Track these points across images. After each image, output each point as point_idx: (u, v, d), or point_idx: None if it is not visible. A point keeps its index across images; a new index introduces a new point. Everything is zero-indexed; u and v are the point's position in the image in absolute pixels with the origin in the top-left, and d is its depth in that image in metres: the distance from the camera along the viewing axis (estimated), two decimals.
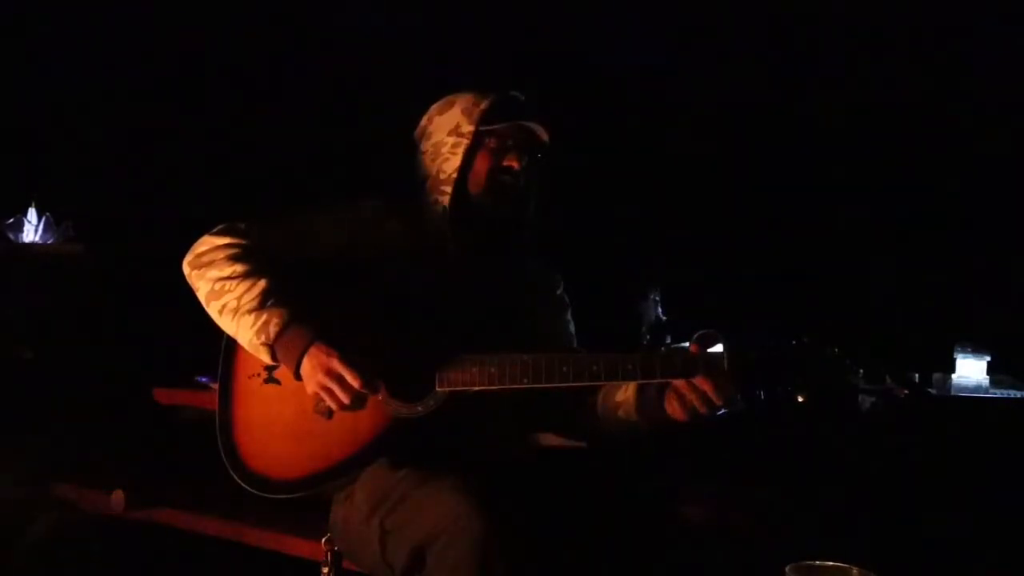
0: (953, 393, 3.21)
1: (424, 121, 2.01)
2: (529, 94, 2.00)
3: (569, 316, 2.11)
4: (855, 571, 1.73)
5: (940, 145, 3.96)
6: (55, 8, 3.64)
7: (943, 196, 3.93)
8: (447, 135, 1.94)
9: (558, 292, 2.11)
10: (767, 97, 4.06)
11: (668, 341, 3.42)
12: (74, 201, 3.50)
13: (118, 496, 2.50)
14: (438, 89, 2.03)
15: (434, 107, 2.00)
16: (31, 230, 3.38)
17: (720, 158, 4.14)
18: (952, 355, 3.24)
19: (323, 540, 1.95)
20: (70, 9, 3.64)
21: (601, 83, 4.10)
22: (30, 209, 3.38)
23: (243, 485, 1.87)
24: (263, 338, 1.77)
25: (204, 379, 2.47)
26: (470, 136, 1.91)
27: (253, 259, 1.82)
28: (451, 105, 1.97)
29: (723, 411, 1.71)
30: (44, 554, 2.53)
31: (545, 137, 1.96)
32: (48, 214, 3.39)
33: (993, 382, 3.24)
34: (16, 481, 2.61)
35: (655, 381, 1.73)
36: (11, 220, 3.37)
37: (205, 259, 1.84)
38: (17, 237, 3.37)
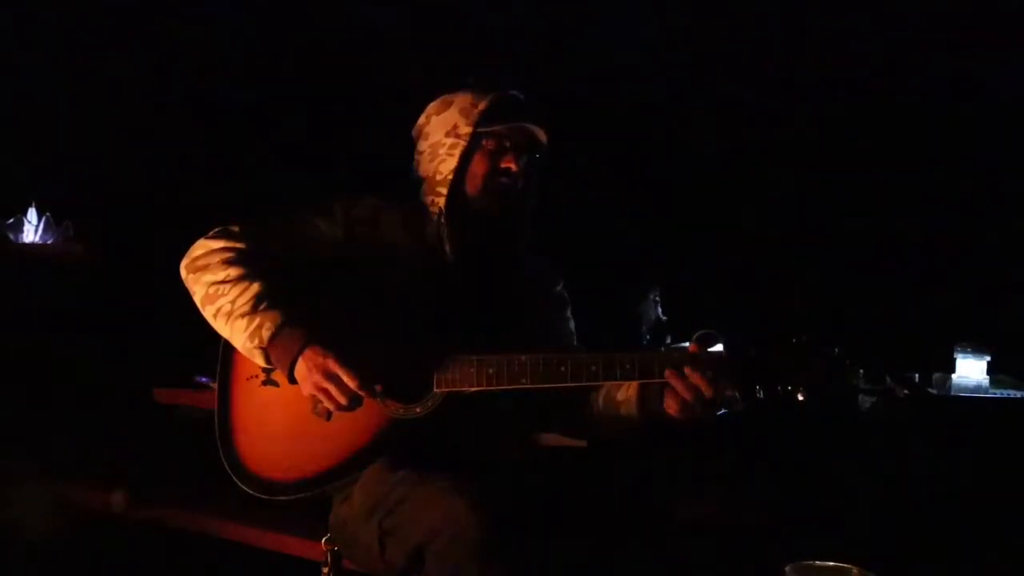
0: (953, 393, 3.21)
1: (422, 120, 2.00)
2: (528, 93, 2.00)
3: (569, 314, 2.11)
4: (855, 571, 1.74)
5: (940, 144, 3.96)
6: (55, 7, 3.64)
7: (943, 195, 3.93)
8: (444, 136, 1.93)
9: (557, 289, 2.11)
10: (767, 96, 4.06)
11: (668, 341, 3.42)
12: (74, 201, 3.49)
13: (118, 496, 2.50)
14: (438, 86, 2.03)
15: (432, 106, 2.00)
16: (31, 230, 3.37)
17: (720, 157, 4.14)
18: (952, 355, 3.24)
19: (323, 540, 1.95)
20: (70, 8, 3.64)
21: (601, 82, 4.10)
22: (30, 209, 3.37)
23: (242, 487, 1.87)
24: (256, 342, 1.77)
25: (204, 379, 2.47)
26: (467, 138, 1.91)
27: (247, 263, 1.82)
28: (449, 105, 1.96)
29: (723, 411, 1.71)
30: (44, 554, 2.53)
31: (544, 138, 1.96)
32: (48, 214, 3.39)
33: (993, 382, 3.24)
34: (17, 481, 2.60)
35: (654, 381, 1.73)
36: (11, 220, 3.36)
37: (200, 263, 1.84)
38: (17, 237, 3.36)
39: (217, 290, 1.81)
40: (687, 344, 1.73)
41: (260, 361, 1.80)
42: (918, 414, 2.99)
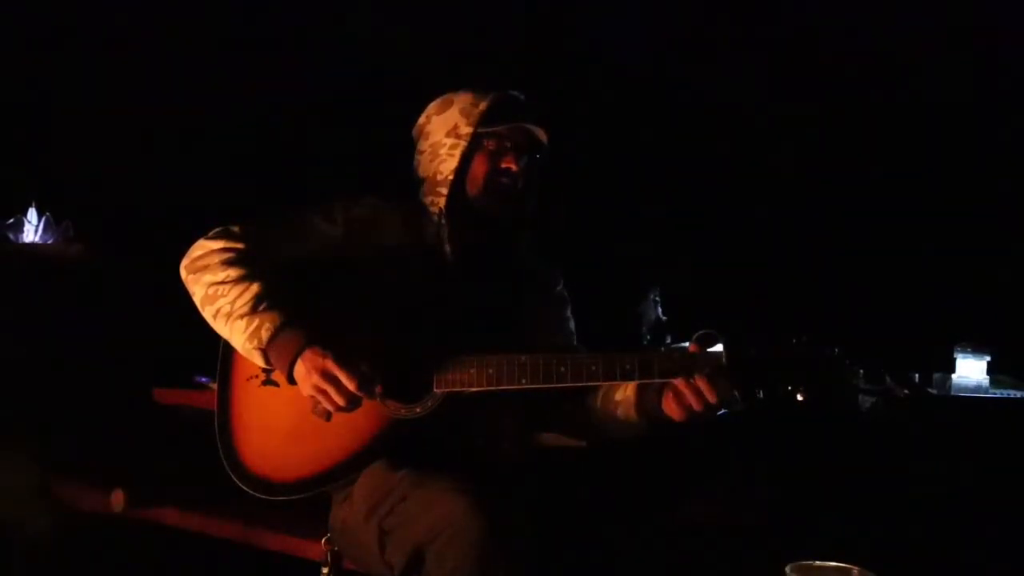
0: (953, 393, 3.20)
1: (422, 119, 2.00)
2: (528, 93, 2.00)
3: (569, 313, 2.11)
4: (855, 571, 1.73)
5: (940, 145, 3.96)
6: (55, 7, 3.65)
7: (943, 195, 3.93)
8: (445, 136, 1.93)
9: (558, 288, 2.11)
10: (767, 97, 4.06)
11: (668, 341, 3.42)
12: (74, 201, 3.50)
13: (118, 496, 2.50)
14: (437, 86, 2.03)
15: (432, 105, 1.99)
16: (31, 230, 3.38)
17: (721, 158, 4.14)
18: (952, 355, 3.24)
19: (323, 540, 1.95)
20: (70, 9, 3.64)
21: (602, 82, 4.10)
22: (30, 209, 3.38)
23: (242, 487, 1.87)
24: (256, 343, 1.76)
25: (204, 379, 2.47)
26: (468, 138, 1.91)
27: (247, 263, 1.82)
28: (449, 104, 1.96)
29: (722, 411, 1.71)
30: (44, 554, 2.53)
31: (544, 138, 1.96)
32: (48, 214, 3.39)
33: (993, 382, 3.24)
34: (16, 480, 2.60)
35: (653, 381, 1.73)
36: (11, 220, 3.37)
37: (200, 263, 1.84)
38: (17, 237, 3.37)
39: (217, 291, 1.80)
40: (687, 344, 1.72)
41: (259, 362, 1.80)
42: (918, 414, 2.99)
